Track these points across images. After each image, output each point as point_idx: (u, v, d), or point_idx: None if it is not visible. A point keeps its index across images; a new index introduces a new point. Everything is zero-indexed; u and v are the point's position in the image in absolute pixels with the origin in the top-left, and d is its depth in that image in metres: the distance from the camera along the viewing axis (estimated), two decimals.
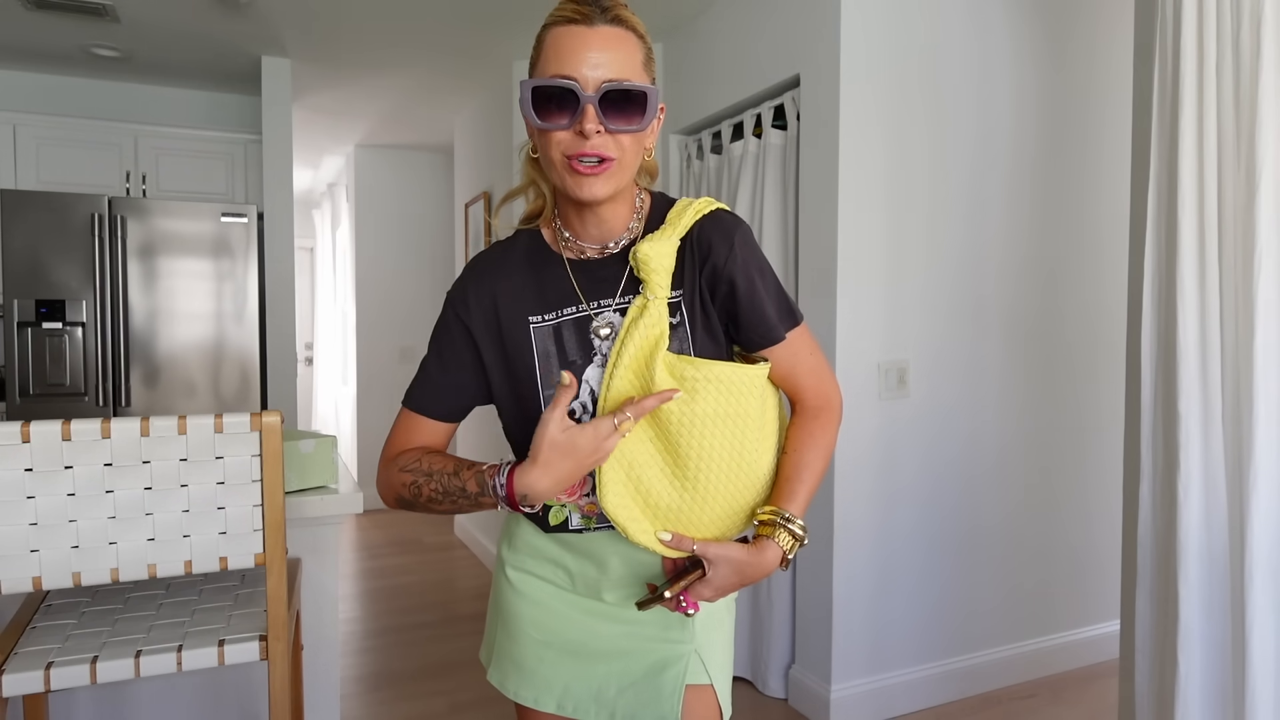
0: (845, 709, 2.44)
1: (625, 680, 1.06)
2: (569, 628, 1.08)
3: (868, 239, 2.42)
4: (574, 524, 1.04)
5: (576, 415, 0.98)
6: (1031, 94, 2.65)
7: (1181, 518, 1.55)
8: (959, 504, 2.62)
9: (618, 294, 1.00)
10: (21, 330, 3.20)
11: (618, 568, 1.04)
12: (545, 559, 1.09)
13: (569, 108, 0.90)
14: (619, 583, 1.06)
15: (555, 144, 0.93)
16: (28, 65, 3.78)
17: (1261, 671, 1.45)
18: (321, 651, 1.91)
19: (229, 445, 1.27)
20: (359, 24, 3.31)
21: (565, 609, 1.08)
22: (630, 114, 0.92)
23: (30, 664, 1.24)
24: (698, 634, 1.05)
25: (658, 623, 1.06)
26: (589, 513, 1.03)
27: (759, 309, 0.99)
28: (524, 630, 1.10)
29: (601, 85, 0.90)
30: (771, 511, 0.98)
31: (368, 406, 5.54)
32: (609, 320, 0.99)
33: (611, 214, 1.00)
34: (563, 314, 1.00)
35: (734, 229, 1.00)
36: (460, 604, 3.60)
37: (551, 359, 0.99)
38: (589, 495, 1.01)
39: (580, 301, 1.00)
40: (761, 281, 1.00)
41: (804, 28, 2.51)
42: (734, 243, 0.98)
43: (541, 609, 1.09)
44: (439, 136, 5.14)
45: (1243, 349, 1.48)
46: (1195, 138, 1.54)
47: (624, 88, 0.90)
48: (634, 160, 0.96)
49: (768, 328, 1.00)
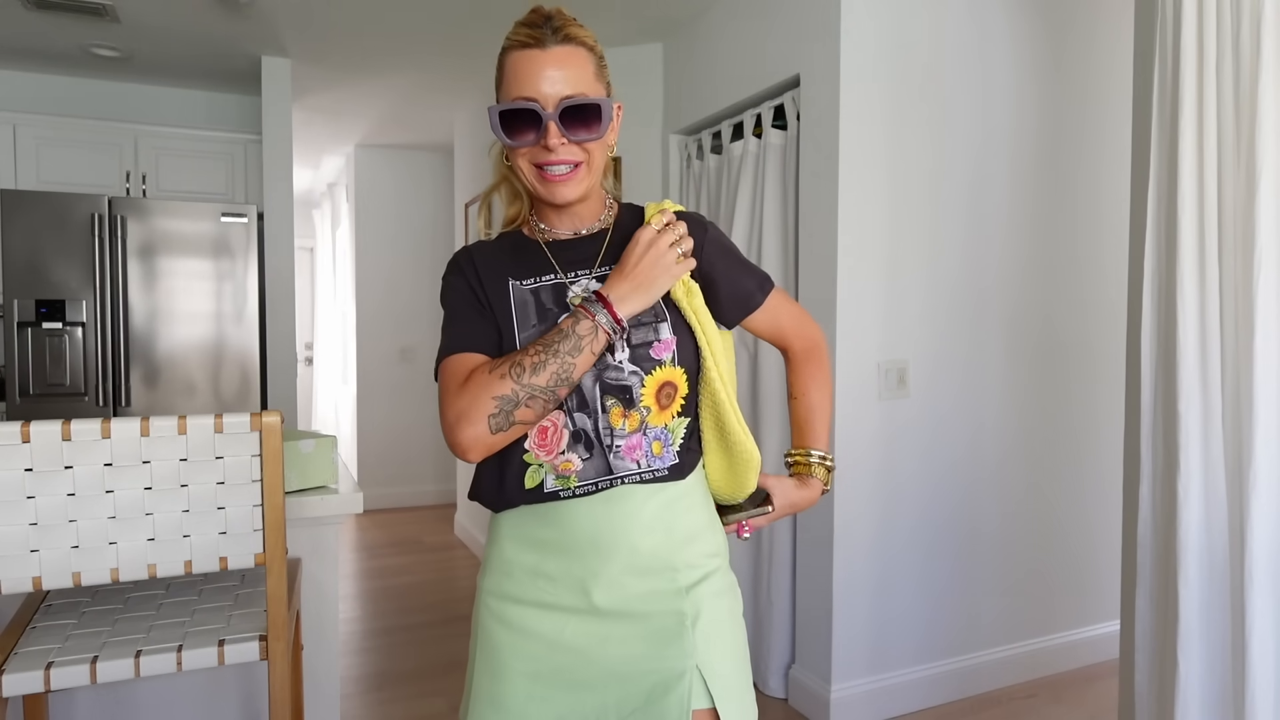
0: (845, 709, 2.44)
1: (625, 708, 1.00)
2: (557, 653, 1.01)
3: (868, 239, 2.42)
4: (549, 485, 1.01)
5: None
6: (1031, 93, 2.65)
7: (1181, 518, 1.55)
8: (959, 504, 2.62)
9: (595, 265, 1.08)
10: (21, 330, 3.20)
11: (604, 557, 1.00)
12: (525, 572, 1.04)
13: (534, 125, 1.00)
14: (608, 579, 1.00)
15: (525, 157, 1.03)
16: (28, 65, 3.78)
17: (1261, 671, 1.45)
18: (321, 651, 1.91)
19: (229, 445, 1.27)
20: (359, 24, 3.31)
21: (552, 632, 1.02)
22: (589, 123, 1.01)
23: (30, 664, 1.24)
24: (698, 648, 1.00)
25: (652, 638, 1.00)
26: (564, 472, 1.01)
27: (736, 282, 1.12)
28: (507, 663, 1.03)
29: (560, 102, 0.99)
30: (802, 453, 1.17)
31: (368, 406, 5.54)
32: (586, 286, 1.06)
33: (584, 208, 1.10)
34: (541, 279, 1.07)
35: (704, 222, 1.12)
36: (460, 604, 3.60)
37: (529, 307, 1.04)
38: (563, 453, 1.00)
39: (556, 271, 1.07)
40: (735, 260, 1.13)
41: (804, 28, 2.51)
42: (707, 234, 1.10)
43: (526, 636, 1.03)
44: (439, 136, 5.14)
45: (1243, 349, 1.48)
46: (1195, 138, 1.54)
47: (579, 103, 1.00)
48: (600, 160, 1.06)
49: (747, 296, 1.13)
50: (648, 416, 1.02)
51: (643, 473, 1.02)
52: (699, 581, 1.03)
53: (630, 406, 1.01)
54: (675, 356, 1.03)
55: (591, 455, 1.01)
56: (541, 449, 1.01)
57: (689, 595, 1.02)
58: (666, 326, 1.04)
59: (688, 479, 1.07)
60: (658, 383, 1.02)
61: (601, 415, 1.01)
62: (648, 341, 1.03)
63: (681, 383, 1.04)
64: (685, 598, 1.01)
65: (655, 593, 1.01)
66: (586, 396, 1.01)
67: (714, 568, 1.06)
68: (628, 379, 1.01)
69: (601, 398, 1.01)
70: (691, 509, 1.07)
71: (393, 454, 5.57)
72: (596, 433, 1.01)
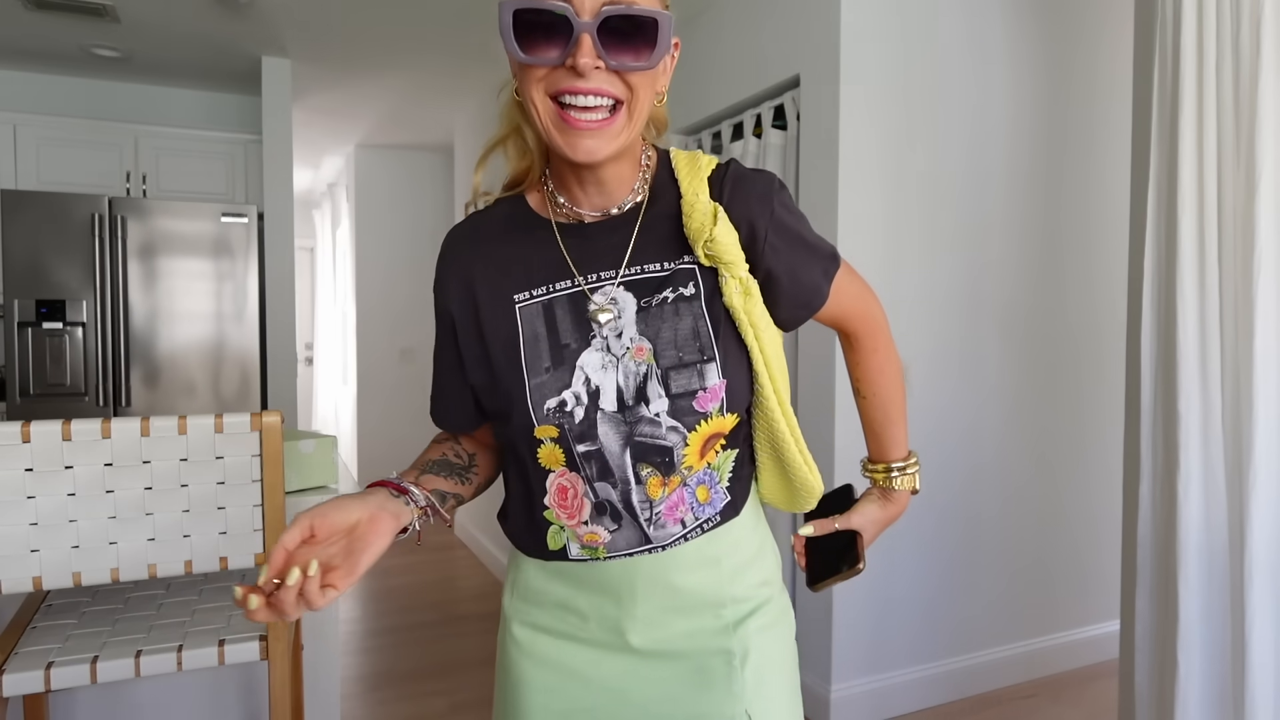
0: (845, 709, 2.44)
1: None
2: (591, 692, 0.87)
3: (867, 239, 2.42)
4: (573, 553, 0.85)
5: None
6: (1031, 93, 2.65)
7: (1181, 518, 1.55)
8: (958, 504, 2.62)
9: (622, 265, 0.82)
10: (22, 330, 3.20)
11: (641, 598, 0.85)
12: (554, 604, 0.89)
13: (560, 37, 0.72)
14: (645, 618, 0.86)
15: (539, 82, 0.74)
16: (28, 65, 3.78)
17: (1261, 671, 1.45)
18: (321, 651, 1.91)
19: (229, 445, 1.27)
20: (359, 24, 3.31)
21: (585, 668, 0.88)
22: (638, 46, 0.73)
23: (30, 664, 1.24)
24: (747, 689, 0.85)
25: (696, 678, 0.86)
26: (590, 543, 0.83)
27: (801, 277, 0.85)
28: (534, 700, 0.89)
29: (601, 9, 0.72)
30: (883, 469, 1.01)
31: (368, 406, 5.54)
32: (612, 298, 0.81)
33: (614, 175, 0.82)
34: (554, 289, 0.83)
35: (769, 197, 0.83)
36: (460, 604, 3.60)
37: (540, 342, 0.81)
38: (587, 523, 0.82)
39: (573, 275, 0.82)
40: (800, 245, 0.85)
41: (804, 28, 2.51)
42: (772, 215, 0.82)
43: (555, 671, 0.88)
44: (439, 136, 5.14)
45: (1243, 349, 1.48)
46: (1195, 138, 1.54)
47: (630, 13, 0.72)
48: (644, 107, 0.77)
49: (811, 293, 0.86)
50: (688, 475, 0.83)
51: (689, 531, 0.84)
52: (748, 615, 0.87)
53: (670, 472, 0.81)
54: (725, 404, 0.81)
55: (620, 526, 0.82)
56: (562, 510, 0.84)
57: (736, 633, 0.86)
58: (714, 370, 0.80)
59: (741, 513, 0.89)
60: (703, 438, 0.81)
61: (636, 487, 0.81)
62: (690, 391, 0.79)
63: (731, 427, 0.84)
64: (732, 635, 0.86)
65: (699, 631, 0.86)
66: (613, 464, 0.80)
67: (765, 598, 0.89)
68: (666, 437, 0.80)
69: (634, 465, 0.80)
70: (741, 539, 0.89)
71: (393, 454, 5.57)
72: (628, 504, 0.82)
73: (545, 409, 0.79)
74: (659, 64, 0.76)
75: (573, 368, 0.80)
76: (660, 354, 0.79)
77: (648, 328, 0.80)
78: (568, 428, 0.79)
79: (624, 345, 0.80)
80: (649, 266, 0.82)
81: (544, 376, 0.80)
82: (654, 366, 0.79)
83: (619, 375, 0.79)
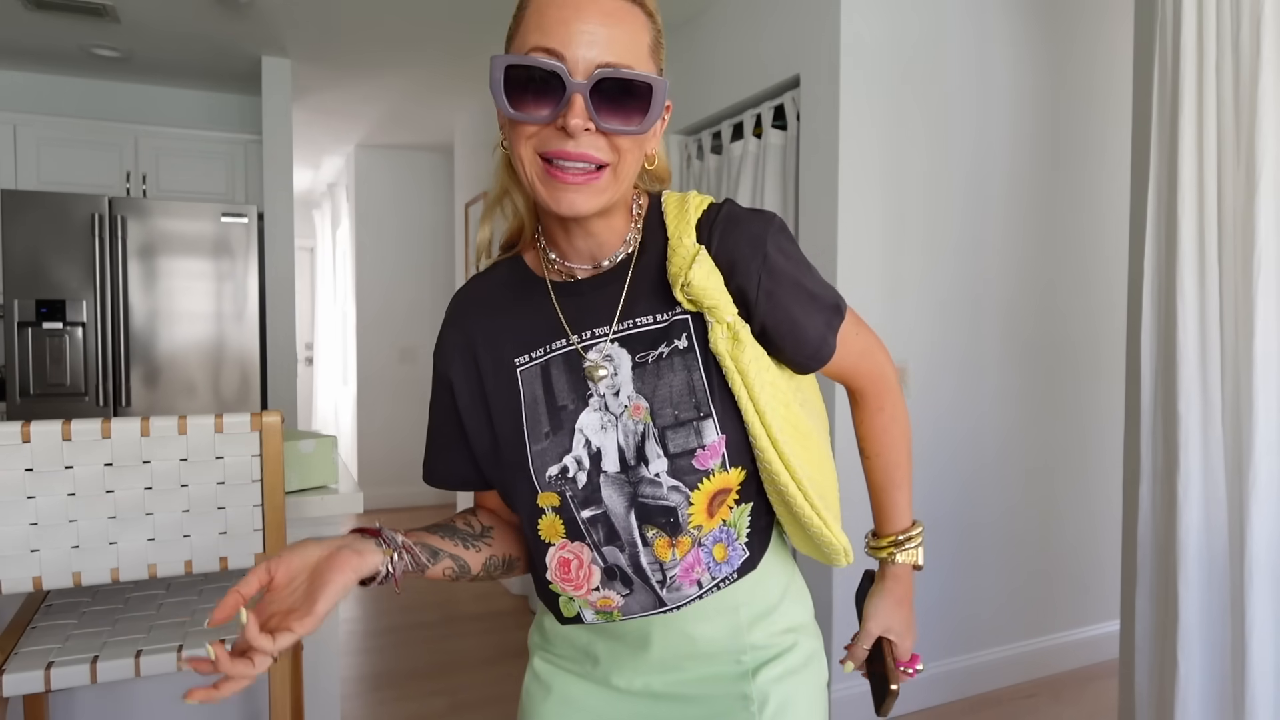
0: (845, 709, 2.44)
1: None
2: None
3: (867, 239, 2.42)
4: (588, 619, 0.83)
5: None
6: (1031, 93, 2.65)
7: (1181, 518, 1.55)
8: (959, 505, 2.62)
9: (614, 321, 0.80)
10: (22, 330, 3.20)
11: (657, 647, 0.85)
12: (575, 647, 0.90)
13: (552, 96, 0.70)
14: (661, 663, 0.85)
15: (529, 139, 0.73)
16: (28, 65, 3.78)
17: (1261, 671, 1.45)
18: (321, 651, 1.91)
19: (229, 445, 1.27)
20: (359, 24, 3.31)
21: (601, 707, 0.88)
22: (629, 111, 0.72)
23: (30, 664, 1.24)
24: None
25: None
26: (603, 608, 0.82)
27: (799, 333, 0.81)
28: None
29: (595, 71, 0.70)
30: (889, 543, 0.98)
31: (368, 407, 5.54)
32: (607, 354, 0.79)
33: (604, 227, 0.80)
34: (551, 349, 0.82)
35: (763, 240, 0.79)
36: (460, 604, 3.60)
37: (539, 405, 0.80)
38: (598, 589, 0.80)
39: (567, 334, 0.81)
40: (799, 294, 0.81)
41: (804, 28, 2.51)
42: (766, 262, 0.78)
43: (573, 708, 0.89)
44: (439, 136, 5.14)
45: (1242, 349, 1.48)
46: (1195, 138, 1.54)
47: (624, 76, 0.71)
48: (632, 168, 0.76)
49: (814, 349, 0.83)
50: (700, 534, 0.79)
51: (705, 591, 0.81)
52: (768, 662, 0.85)
53: (677, 533, 0.78)
54: (726, 460, 0.78)
55: (633, 590, 0.80)
56: (567, 583, 0.81)
57: (755, 679, 0.84)
58: (712, 426, 0.77)
59: (762, 561, 0.85)
60: (708, 496, 0.78)
61: (644, 549, 0.78)
62: (689, 450, 0.77)
63: (739, 482, 0.80)
64: (750, 682, 0.84)
65: (716, 676, 0.85)
66: (619, 527, 0.78)
67: (788, 645, 0.87)
68: (668, 498, 0.77)
69: (640, 527, 0.78)
70: (761, 586, 0.86)
71: (393, 454, 5.57)
72: (637, 568, 0.79)
73: (547, 476, 0.79)
74: (650, 129, 0.75)
75: (571, 431, 0.79)
76: (656, 413, 0.78)
77: (644, 385, 0.79)
78: (570, 494, 0.78)
79: (622, 403, 0.79)
80: (641, 320, 0.80)
81: (544, 443, 0.79)
82: (650, 426, 0.77)
83: (619, 434, 0.78)
